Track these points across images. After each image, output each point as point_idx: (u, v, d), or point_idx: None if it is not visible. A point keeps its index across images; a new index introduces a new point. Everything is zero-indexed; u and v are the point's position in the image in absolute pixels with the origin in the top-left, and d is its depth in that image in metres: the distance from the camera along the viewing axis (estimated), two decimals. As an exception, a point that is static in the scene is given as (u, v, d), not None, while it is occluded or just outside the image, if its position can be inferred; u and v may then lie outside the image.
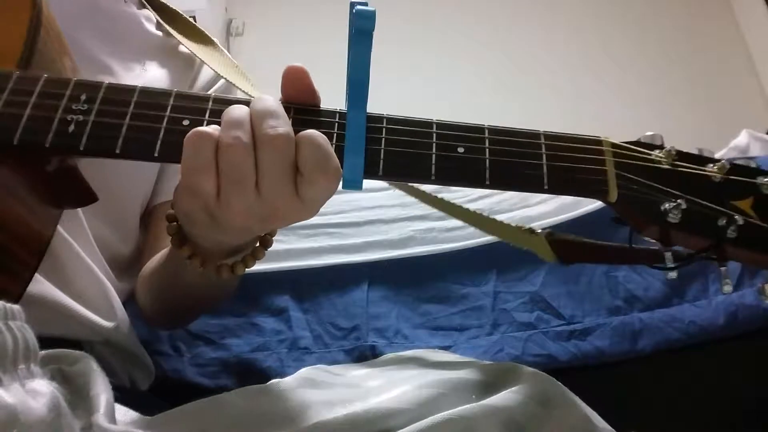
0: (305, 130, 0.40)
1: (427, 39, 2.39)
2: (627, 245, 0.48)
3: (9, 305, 0.31)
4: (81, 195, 0.48)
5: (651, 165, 0.45)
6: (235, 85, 0.66)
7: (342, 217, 0.91)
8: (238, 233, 0.45)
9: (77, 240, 0.56)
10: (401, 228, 0.89)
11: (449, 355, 0.56)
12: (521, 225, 0.55)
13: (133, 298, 0.66)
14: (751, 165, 0.45)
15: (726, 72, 2.28)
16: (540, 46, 2.37)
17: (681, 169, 0.44)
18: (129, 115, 0.42)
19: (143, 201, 0.67)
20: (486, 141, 0.43)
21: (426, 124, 0.44)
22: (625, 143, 0.46)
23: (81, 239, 0.56)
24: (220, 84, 0.72)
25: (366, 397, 0.43)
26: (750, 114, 2.16)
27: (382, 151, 0.42)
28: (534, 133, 0.45)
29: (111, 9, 0.67)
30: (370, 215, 0.91)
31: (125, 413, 0.41)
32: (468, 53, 2.38)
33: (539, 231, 0.53)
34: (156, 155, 0.41)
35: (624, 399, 0.76)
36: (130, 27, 0.69)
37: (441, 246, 0.87)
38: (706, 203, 0.43)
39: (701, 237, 0.44)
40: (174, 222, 0.48)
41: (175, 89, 0.43)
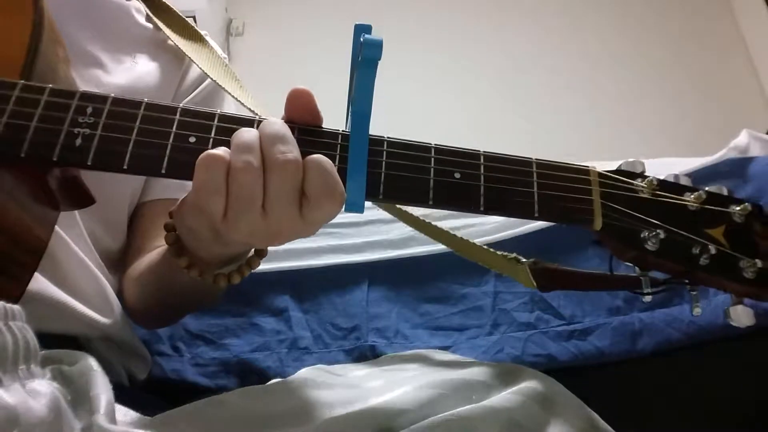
0: (311, 153, 0.41)
1: (428, 40, 2.39)
2: (607, 272, 0.51)
3: (9, 306, 0.31)
4: (80, 198, 0.48)
5: (633, 195, 0.47)
6: (222, 87, 0.65)
7: (342, 217, 0.91)
8: (239, 247, 0.47)
9: (73, 237, 0.56)
10: (401, 228, 0.89)
11: (449, 356, 0.56)
12: (506, 254, 0.57)
13: (121, 294, 0.66)
14: (724, 193, 0.49)
15: (726, 72, 2.28)
16: (540, 46, 2.37)
17: (661, 199, 0.47)
18: (135, 131, 0.42)
19: (133, 198, 0.67)
20: (481, 167, 0.45)
21: (425, 148, 0.45)
22: (610, 172, 0.48)
23: (76, 236, 0.56)
24: (209, 81, 0.72)
25: (366, 398, 0.43)
26: (750, 114, 2.16)
27: (382, 175, 0.43)
28: (526, 161, 0.46)
29: (100, 1, 0.66)
30: (370, 215, 0.91)
31: (125, 413, 0.42)
32: (468, 53, 2.38)
33: (524, 260, 0.54)
34: (163, 172, 0.41)
35: (624, 399, 0.76)
36: (120, 18, 0.68)
37: (441, 246, 0.86)
38: (682, 233, 0.46)
39: (676, 263, 0.47)
40: (172, 231, 0.48)
41: (181, 105, 0.44)
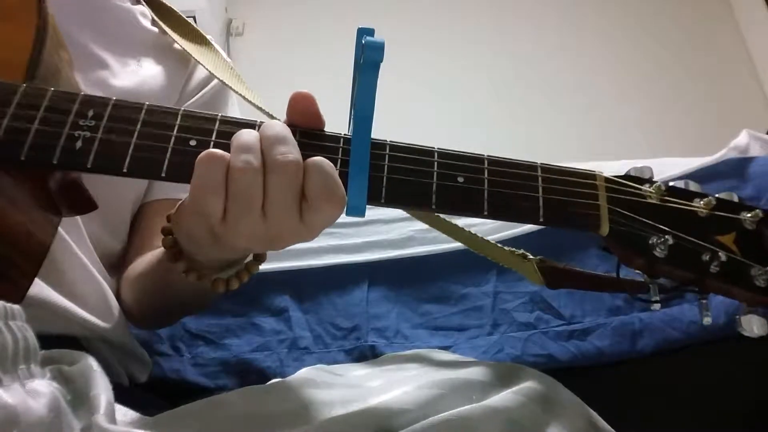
0: (312, 155, 0.40)
1: (428, 40, 2.39)
2: (614, 275, 0.50)
3: (9, 305, 0.31)
4: (82, 204, 0.48)
5: (641, 200, 0.46)
6: (230, 86, 0.65)
7: (342, 217, 0.90)
8: (238, 252, 0.46)
9: (74, 240, 0.55)
10: (401, 228, 0.89)
11: (450, 356, 0.56)
12: (514, 250, 0.56)
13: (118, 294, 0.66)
14: (734, 200, 0.47)
15: (726, 72, 2.28)
16: (539, 46, 2.37)
17: (669, 205, 0.46)
18: (136, 134, 0.42)
19: (136, 200, 0.67)
20: (485, 172, 0.44)
21: (428, 152, 0.44)
22: (617, 177, 0.47)
23: (77, 239, 0.56)
24: (214, 83, 0.72)
25: (366, 398, 0.43)
26: (750, 114, 2.16)
27: (384, 179, 0.43)
28: (531, 165, 0.46)
29: (106, 3, 0.67)
30: (370, 215, 0.91)
31: (125, 413, 0.42)
32: (468, 54, 2.38)
33: (530, 257, 0.54)
34: (163, 175, 0.41)
35: (624, 399, 0.76)
36: (125, 22, 0.69)
37: (441, 246, 0.87)
38: (691, 239, 0.45)
39: (685, 271, 0.46)
40: (170, 235, 0.48)
41: (182, 108, 0.43)
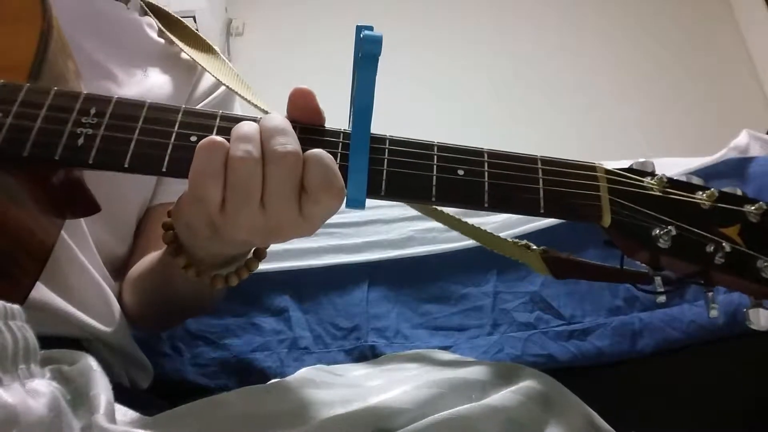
0: (311, 149, 0.40)
1: (429, 43, 2.39)
2: (618, 267, 0.50)
3: (9, 305, 0.31)
4: (85, 206, 0.48)
5: (643, 192, 0.46)
6: (236, 92, 0.66)
7: (342, 217, 0.91)
8: (237, 246, 0.46)
9: (78, 244, 0.56)
10: (401, 228, 0.89)
11: (449, 355, 0.56)
12: (517, 240, 0.56)
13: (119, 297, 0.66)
14: (738, 193, 0.47)
15: (726, 72, 2.28)
16: (539, 46, 2.37)
17: (672, 196, 0.46)
18: (138, 130, 0.42)
19: (143, 204, 0.67)
20: (485, 164, 0.45)
21: (427, 146, 0.45)
22: (618, 170, 0.47)
23: (81, 244, 0.56)
24: (220, 91, 0.73)
25: (366, 397, 0.43)
26: (750, 114, 2.16)
27: (384, 172, 0.43)
28: (531, 158, 0.46)
29: (113, 14, 0.67)
30: (370, 215, 0.91)
31: (125, 413, 0.42)
32: (468, 54, 2.38)
33: (534, 247, 0.54)
34: (164, 170, 0.42)
35: (624, 399, 0.76)
36: (132, 33, 0.69)
37: (441, 246, 0.87)
38: (695, 230, 0.45)
39: (690, 263, 0.45)
40: (170, 230, 0.48)
41: (183, 105, 0.44)
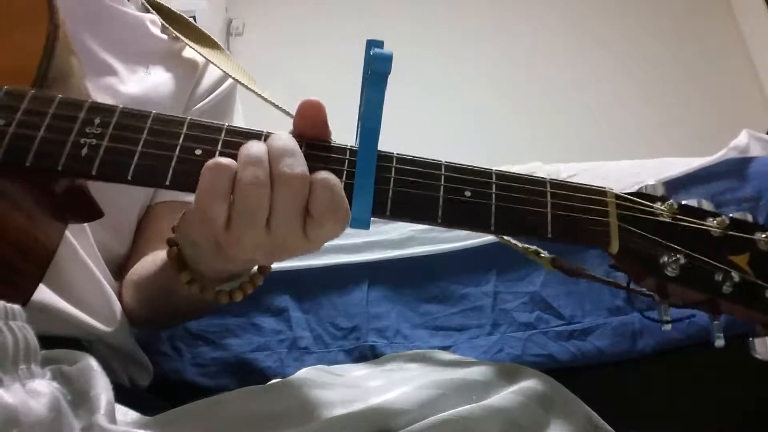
0: (319, 168, 0.40)
1: (429, 43, 2.39)
2: (625, 286, 0.49)
3: (9, 305, 0.31)
4: (88, 211, 0.48)
5: (652, 218, 0.45)
6: (244, 85, 0.66)
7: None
8: (241, 264, 0.46)
9: (80, 243, 0.55)
10: (401, 228, 0.89)
11: (450, 356, 0.56)
12: (528, 247, 0.56)
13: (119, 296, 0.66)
14: (749, 219, 0.47)
15: (726, 72, 2.28)
16: (538, 47, 2.37)
17: (682, 223, 0.45)
18: (142, 142, 0.42)
19: (144, 204, 0.67)
20: (493, 186, 0.44)
21: (435, 165, 0.44)
22: (628, 194, 0.46)
23: (83, 242, 0.56)
24: (222, 89, 0.73)
25: (366, 398, 0.43)
26: (750, 114, 2.16)
27: (390, 191, 0.43)
28: (540, 181, 0.45)
29: (116, 11, 0.67)
30: (370, 215, 0.91)
31: (125, 413, 0.42)
32: (469, 54, 2.38)
33: (544, 254, 0.54)
34: (167, 183, 0.41)
35: (624, 399, 0.76)
36: (134, 30, 0.69)
37: (441, 246, 0.87)
38: (704, 258, 0.44)
39: (697, 291, 0.45)
40: (174, 246, 0.48)
41: (189, 117, 0.43)
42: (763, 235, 0.46)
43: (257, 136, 0.43)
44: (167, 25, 0.72)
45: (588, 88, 2.27)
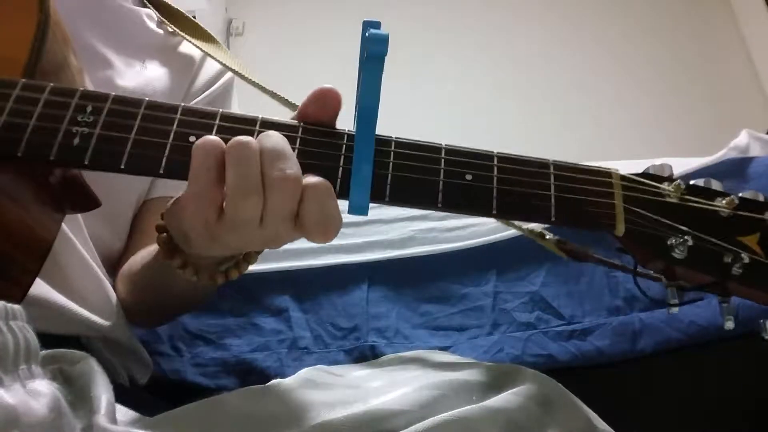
0: (316, 153, 0.40)
1: (430, 43, 2.39)
2: (632, 269, 0.48)
3: (10, 305, 0.31)
4: (84, 201, 0.47)
5: (659, 199, 0.44)
6: (243, 77, 0.66)
7: (342, 218, 0.91)
8: (233, 250, 0.46)
9: (76, 236, 0.55)
10: (401, 228, 0.89)
11: (450, 356, 0.56)
12: (533, 229, 0.55)
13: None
14: (759, 199, 0.45)
15: (726, 72, 2.28)
16: (539, 46, 2.37)
17: (689, 204, 0.44)
18: (135, 130, 0.41)
19: (139, 198, 0.67)
20: (494, 169, 0.43)
21: (434, 149, 0.43)
22: (634, 175, 0.45)
23: (79, 237, 0.56)
24: (219, 84, 0.73)
25: (367, 398, 0.43)
26: (750, 114, 2.16)
27: (389, 176, 0.42)
28: (543, 163, 0.44)
29: (113, 5, 0.67)
30: (370, 215, 0.91)
31: (126, 413, 0.42)
32: (469, 54, 2.38)
33: (549, 237, 0.53)
34: (161, 172, 0.41)
35: (624, 399, 0.76)
36: (131, 24, 0.69)
37: (441, 246, 0.87)
38: (712, 240, 0.43)
39: (706, 273, 0.43)
40: (164, 232, 0.47)
41: (182, 104, 0.43)
42: None
43: (252, 121, 0.42)
44: (164, 20, 0.72)
45: (588, 88, 2.27)
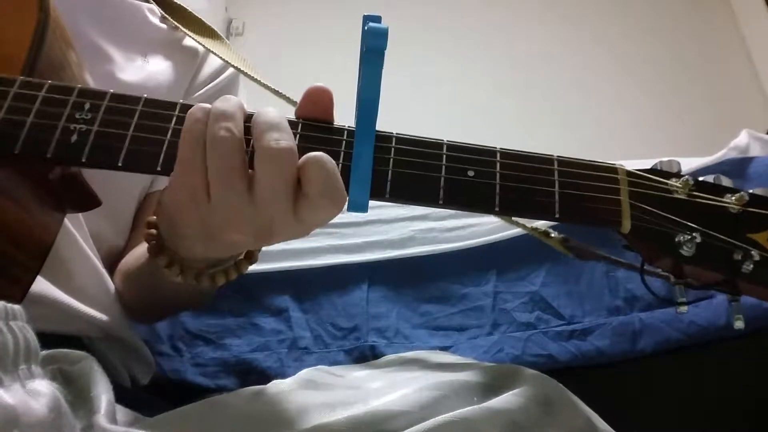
0: (314, 147, 0.39)
1: (430, 42, 2.39)
2: (638, 266, 0.47)
3: (10, 305, 0.31)
4: (84, 200, 0.47)
5: (667, 195, 0.43)
6: (245, 73, 0.65)
7: (342, 217, 0.91)
8: (227, 248, 0.44)
9: (77, 231, 0.55)
10: (401, 228, 0.89)
11: (451, 357, 0.56)
12: (537, 227, 0.55)
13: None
14: None
15: (726, 72, 2.28)
16: (538, 46, 2.37)
17: (698, 200, 0.43)
18: (133, 127, 0.41)
19: (141, 194, 0.67)
20: (497, 165, 0.42)
21: (436, 144, 0.42)
22: (641, 171, 0.44)
23: (80, 233, 0.56)
24: (224, 77, 0.73)
25: (367, 399, 0.43)
26: (750, 114, 2.16)
27: (389, 173, 0.41)
28: (547, 159, 0.43)
29: (114, 0, 0.67)
30: (370, 215, 0.91)
31: (126, 413, 0.42)
32: (469, 53, 2.38)
33: (554, 235, 0.53)
34: (159, 169, 0.40)
35: (624, 399, 0.76)
36: (133, 19, 0.69)
37: (441, 246, 0.87)
38: (721, 237, 0.42)
39: (715, 271, 0.43)
40: (154, 228, 0.47)
41: (181, 101, 0.42)
42: None
43: (249, 117, 0.41)
44: (166, 15, 0.71)
45: (588, 88, 2.27)
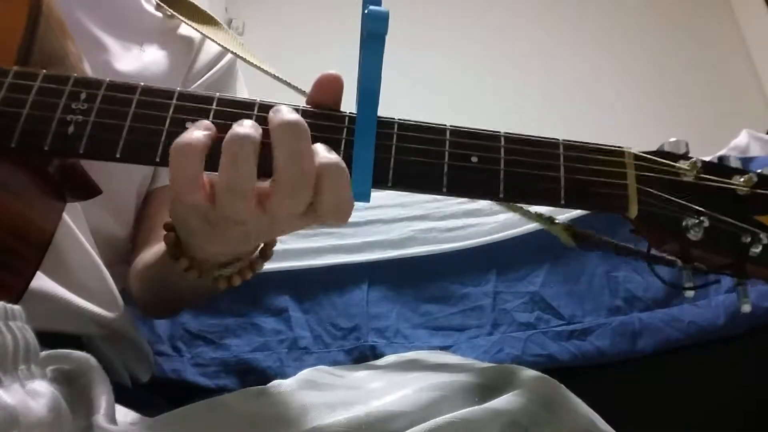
0: (315, 136, 0.38)
1: (430, 42, 2.39)
2: (645, 251, 0.46)
3: (9, 306, 0.31)
4: (84, 189, 0.47)
5: (674, 178, 0.42)
6: (244, 59, 0.65)
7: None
8: (236, 242, 0.44)
9: (76, 225, 0.55)
10: (401, 228, 0.89)
11: (451, 357, 0.56)
12: (542, 213, 0.54)
13: (127, 283, 0.65)
14: None
15: (726, 72, 2.28)
16: (539, 45, 2.37)
17: (705, 183, 0.42)
18: (130, 116, 0.40)
19: (143, 183, 0.66)
20: (501, 150, 0.41)
21: (439, 130, 0.41)
22: (648, 153, 0.43)
23: (79, 224, 0.56)
24: (222, 64, 0.72)
25: (367, 400, 0.43)
26: (750, 114, 2.16)
27: (392, 160, 0.40)
28: (553, 143, 0.42)
29: None
30: (370, 215, 0.91)
31: (125, 414, 0.41)
32: (471, 54, 2.38)
33: (557, 221, 0.52)
34: (158, 159, 0.39)
35: (624, 399, 0.76)
36: (128, 7, 0.68)
37: (441, 246, 0.87)
38: (729, 220, 0.41)
39: (723, 255, 0.42)
40: (171, 231, 0.47)
41: (178, 88, 0.42)
42: None
43: (249, 105, 0.41)
44: (161, 3, 0.71)
45: (588, 87, 2.27)
